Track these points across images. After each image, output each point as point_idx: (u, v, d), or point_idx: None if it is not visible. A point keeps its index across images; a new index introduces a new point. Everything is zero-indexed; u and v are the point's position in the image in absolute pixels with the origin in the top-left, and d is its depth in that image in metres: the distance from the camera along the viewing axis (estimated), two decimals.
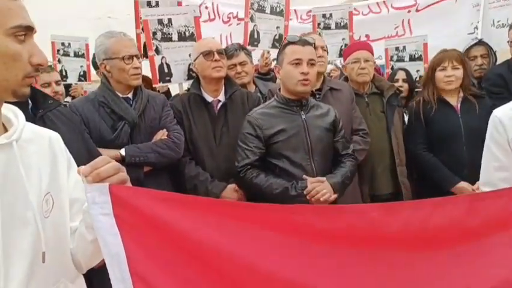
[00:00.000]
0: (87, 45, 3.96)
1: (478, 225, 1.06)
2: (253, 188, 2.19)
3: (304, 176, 2.13)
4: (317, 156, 2.19)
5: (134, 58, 2.25)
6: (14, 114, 1.06)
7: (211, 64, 2.45)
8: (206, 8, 4.37)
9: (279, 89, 2.33)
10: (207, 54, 2.47)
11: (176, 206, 1.02)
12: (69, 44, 3.94)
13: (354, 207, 1.18)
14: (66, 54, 3.94)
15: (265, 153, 2.21)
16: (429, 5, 4.56)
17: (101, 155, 1.98)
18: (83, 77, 4.02)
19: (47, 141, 1.12)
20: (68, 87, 3.84)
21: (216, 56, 2.45)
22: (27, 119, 1.58)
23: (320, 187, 2.09)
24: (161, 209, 1.00)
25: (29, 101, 1.68)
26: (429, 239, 1.06)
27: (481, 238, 1.06)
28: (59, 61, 3.90)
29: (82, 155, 1.78)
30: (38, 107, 1.69)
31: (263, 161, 2.22)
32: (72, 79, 3.96)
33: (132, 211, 0.97)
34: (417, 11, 4.62)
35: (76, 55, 3.97)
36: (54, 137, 1.16)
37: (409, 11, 4.64)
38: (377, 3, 4.78)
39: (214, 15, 4.40)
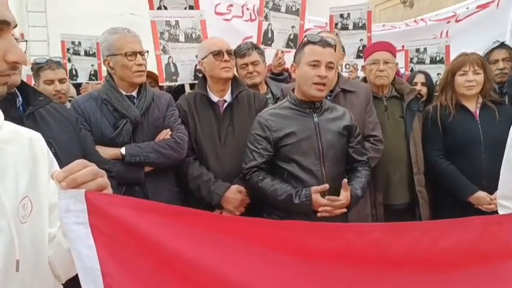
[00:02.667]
0: (98, 44, 3.88)
1: (491, 251, 0.95)
2: (258, 192, 2.12)
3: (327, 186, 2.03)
4: (329, 161, 2.08)
5: (138, 55, 2.19)
6: None
7: (220, 64, 2.38)
8: (247, 9, 4.46)
9: (293, 90, 2.23)
10: (217, 54, 2.40)
11: (158, 216, 0.93)
12: (79, 42, 3.89)
13: (356, 227, 1.08)
14: (76, 53, 3.89)
15: (274, 156, 2.12)
16: (469, 15, 4.47)
17: (97, 153, 1.94)
18: (94, 76, 3.95)
19: (27, 142, 1.04)
20: (78, 86, 3.80)
21: (226, 57, 2.39)
22: (16, 116, 1.54)
23: (339, 202, 2.00)
24: (141, 220, 0.91)
25: (20, 98, 1.63)
26: (436, 263, 0.95)
27: (494, 265, 0.95)
28: (69, 60, 3.86)
29: (74, 154, 1.71)
30: (28, 104, 1.64)
31: (271, 163, 2.13)
32: (82, 78, 3.90)
33: (109, 220, 0.89)
34: (456, 21, 4.55)
35: (87, 54, 3.92)
36: (36, 137, 1.08)
37: (448, 22, 4.58)
38: (415, 20, 4.76)
39: (255, 16, 4.41)
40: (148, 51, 2.28)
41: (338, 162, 2.13)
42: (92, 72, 3.93)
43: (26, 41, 1.62)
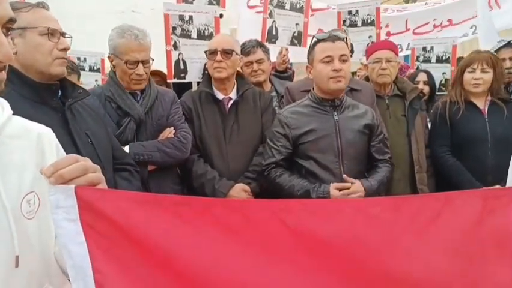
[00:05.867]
0: (102, 60, 3.92)
1: (491, 224, 0.94)
2: (276, 188, 2.14)
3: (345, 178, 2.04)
4: (347, 160, 2.10)
5: (140, 64, 2.13)
6: (1, 108, 0.99)
7: (213, 64, 2.38)
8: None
9: (313, 88, 2.25)
10: (211, 53, 2.40)
11: (152, 209, 0.88)
12: (84, 58, 3.89)
13: (353, 203, 1.04)
14: (81, 69, 3.83)
15: (293, 153, 2.15)
16: None
17: (121, 149, 1.98)
18: None
19: (36, 136, 1.04)
20: None
21: (218, 57, 2.36)
22: (57, 107, 1.59)
23: (353, 189, 2.01)
24: (136, 214, 0.87)
25: (59, 90, 1.65)
26: (436, 236, 0.93)
27: (494, 237, 0.94)
28: None
29: (107, 147, 1.80)
30: (67, 97, 1.64)
31: (291, 160, 2.16)
32: None
33: (102, 216, 0.86)
34: None
35: (91, 70, 3.91)
36: (46, 132, 1.08)
37: None
38: None
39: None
40: (153, 59, 2.23)
41: (357, 161, 2.14)
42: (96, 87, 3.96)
43: (71, 37, 1.62)
